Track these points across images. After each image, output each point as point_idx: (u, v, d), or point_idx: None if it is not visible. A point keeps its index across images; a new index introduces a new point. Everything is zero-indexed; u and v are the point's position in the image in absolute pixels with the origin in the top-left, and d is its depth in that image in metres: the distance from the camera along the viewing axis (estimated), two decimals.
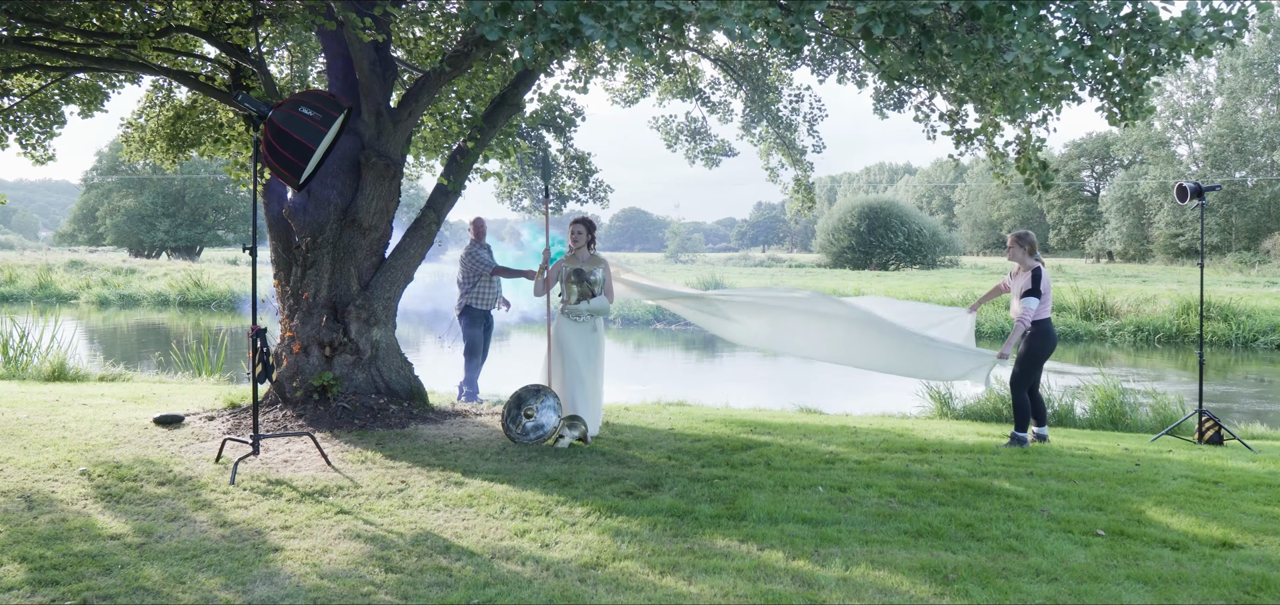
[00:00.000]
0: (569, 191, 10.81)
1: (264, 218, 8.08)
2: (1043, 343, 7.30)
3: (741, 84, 10.79)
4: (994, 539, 4.79)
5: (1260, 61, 53.55)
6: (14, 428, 7.10)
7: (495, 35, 4.42)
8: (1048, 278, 7.25)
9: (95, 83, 9.62)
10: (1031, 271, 7.18)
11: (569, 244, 7.33)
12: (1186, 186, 7.86)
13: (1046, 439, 7.51)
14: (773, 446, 7.04)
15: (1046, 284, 7.22)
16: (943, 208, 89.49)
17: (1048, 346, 7.33)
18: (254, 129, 6.04)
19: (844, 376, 13.84)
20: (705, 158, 11.89)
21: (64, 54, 8.29)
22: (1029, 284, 7.15)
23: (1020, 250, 7.29)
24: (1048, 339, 7.31)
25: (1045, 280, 7.20)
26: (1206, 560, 4.52)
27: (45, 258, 46.47)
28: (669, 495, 5.50)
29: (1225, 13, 5.10)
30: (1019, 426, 7.33)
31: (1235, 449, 7.68)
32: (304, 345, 7.62)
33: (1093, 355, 19.38)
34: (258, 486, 5.50)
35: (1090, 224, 67.65)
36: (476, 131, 8.09)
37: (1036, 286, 7.12)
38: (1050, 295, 7.31)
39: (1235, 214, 54.64)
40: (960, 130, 7.93)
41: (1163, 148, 59.29)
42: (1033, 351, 7.31)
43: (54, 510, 4.96)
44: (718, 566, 4.28)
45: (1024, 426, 7.32)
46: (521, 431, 6.90)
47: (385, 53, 7.68)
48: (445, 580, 4.06)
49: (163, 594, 3.86)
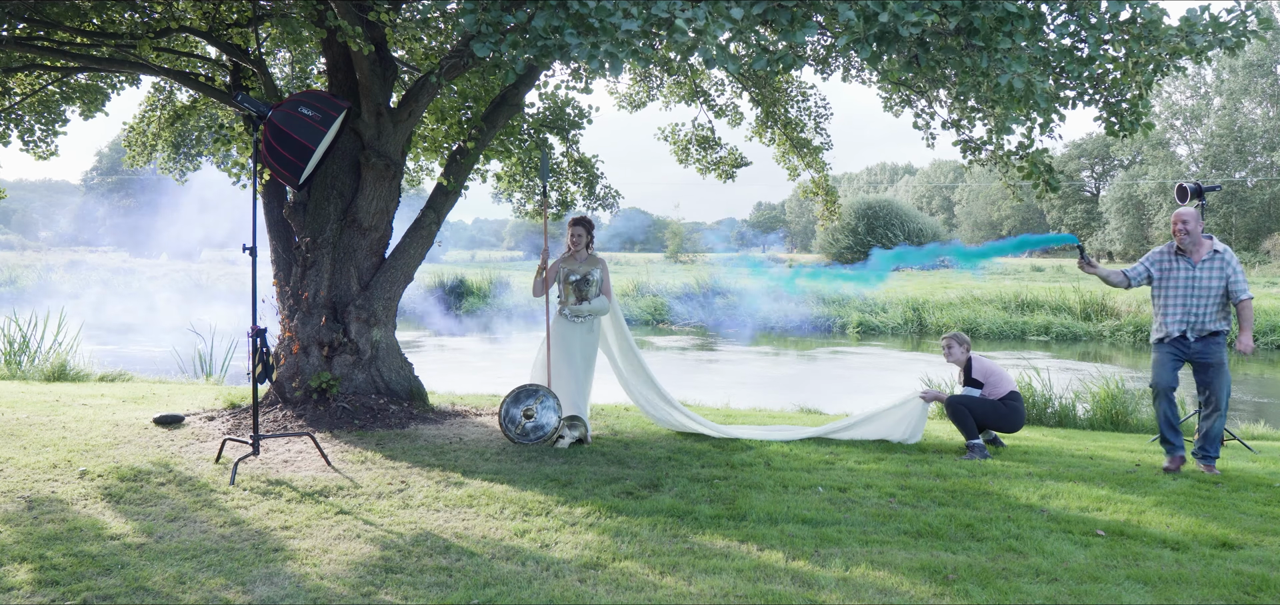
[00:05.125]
0: (572, 198, 10.59)
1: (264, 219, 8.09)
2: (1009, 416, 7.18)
3: (746, 86, 10.67)
4: (994, 539, 4.79)
5: (1259, 63, 53.60)
6: (14, 428, 7.10)
7: (485, 52, 4.47)
8: (982, 362, 7.34)
9: (96, 83, 9.62)
10: (965, 364, 7.31)
11: (568, 244, 7.33)
12: (1186, 186, 7.87)
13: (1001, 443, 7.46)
14: (773, 446, 7.04)
15: (981, 367, 7.28)
16: (943, 208, 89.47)
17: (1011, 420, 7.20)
18: (254, 129, 6.04)
19: (843, 377, 13.86)
20: (718, 170, 11.21)
21: (64, 54, 8.30)
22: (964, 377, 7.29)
23: (957, 349, 7.37)
24: (1015, 415, 7.19)
25: (979, 366, 7.28)
26: (1206, 560, 4.52)
27: (45, 257, 46.45)
28: (669, 495, 5.50)
29: (1226, 23, 5.10)
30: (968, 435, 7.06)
31: (1235, 449, 7.68)
32: (304, 345, 7.62)
33: (1092, 355, 19.38)
34: (258, 487, 5.50)
35: (1090, 224, 67.69)
36: (476, 131, 8.09)
37: (970, 377, 7.23)
38: (999, 373, 7.29)
39: (1235, 214, 54.66)
40: (967, 140, 7.98)
41: (1162, 148, 59.34)
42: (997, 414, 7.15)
43: (54, 511, 4.96)
44: (718, 566, 4.28)
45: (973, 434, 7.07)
46: (521, 432, 6.90)
47: (385, 53, 7.68)
48: (445, 580, 4.07)
49: (163, 594, 3.86)
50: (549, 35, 4.38)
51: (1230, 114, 55.22)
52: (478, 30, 4.52)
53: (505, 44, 4.48)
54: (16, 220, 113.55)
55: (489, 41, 4.51)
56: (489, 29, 4.55)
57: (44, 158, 9.68)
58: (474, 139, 8.08)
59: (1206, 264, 6.39)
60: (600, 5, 4.37)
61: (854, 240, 59.51)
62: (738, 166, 11.25)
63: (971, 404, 7.12)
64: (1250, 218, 54.52)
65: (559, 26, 4.36)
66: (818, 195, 11.25)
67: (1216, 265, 6.36)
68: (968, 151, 7.99)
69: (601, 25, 4.32)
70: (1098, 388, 9.56)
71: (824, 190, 11.14)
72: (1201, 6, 5.19)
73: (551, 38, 4.38)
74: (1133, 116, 5.56)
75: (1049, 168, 6.82)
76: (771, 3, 4.59)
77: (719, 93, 11.16)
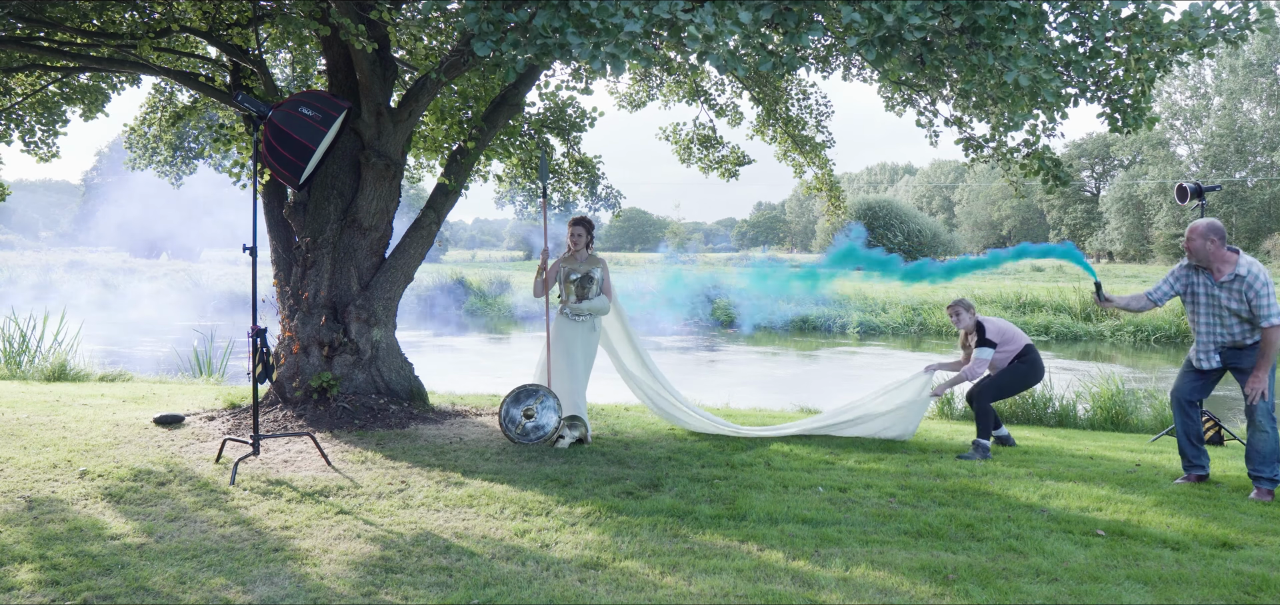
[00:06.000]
0: (574, 198, 10.56)
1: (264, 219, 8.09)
2: (1030, 371, 7.21)
3: (747, 86, 10.65)
4: (994, 539, 4.79)
5: (1259, 63, 53.61)
6: (14, 428, 7.10)
7: (486, 52, 4.46)
8: (993, 321, 7.32)
9: (96, 84, 9.63)
10: (976, 326, 7.26)
11: (568, 244, 7.34)
12: (1187, 186, 7.87)
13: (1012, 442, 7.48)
14: (773, 446, 7.04)
15: (995, 327, 7.26)
16: (943, 208, 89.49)
17: (1034, 374, 7.24)
18: (254, 129, 6.04)
19: (843, 377, 13.86)
20: (720, 169, 11.17)
21: (65, 54, 8.30)
22: (977, 338, 7.24)
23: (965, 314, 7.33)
24: (1035, 368, 7.22)
25: (991, 326, 7.25)
26: (1206, 560, 4.52)
27: (45, 257, 46.46)
28: (669, 495, 5.50)
29: (1228, 15, 5.10)
30: (982, 434, 7.05)
31: (1235, 449, 7.68)
32: (304, 345, 7.62)
33: (1093, 355, 19.38)
34: (258, 487, 5.50)
35: (1090, 224, 67.72)
36: (477, 131, 8.09)
37: (983, 337, 7.18)
38: (1011, 329, 7.30)
39: (1235, 214, 54.69)
40: (969, 138, 7.98)
41: (1162, 148, 59.36)
42: (1019, 375, 7.21)
43: (55, 511, 4.96)
44: (718, 566, 4.28)
45: (987, 434, 7.07)
46: (521, 432, 6.90)
47: (385, 53, 7.68)
48: (445, 580, 4.07)
49: (164, 594, 3.86)
50: (550, 34, 4.38)
51: (1230, 114, 55.25)
52: (479, 29, 4.52)
53: (506, 43, 4.49)
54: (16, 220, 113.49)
55: (490, 40, 4.51)
56: (490, 28, 4.55)
57: (45, 160, 9.69)
58: (474, 139, 8.08)
59: (1226, 285, 5.81)
60: (602, 5, 4.37)
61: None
62: (740, 164, 11.18)
63: (1000, 385, 7.11)
64: (1250, 218, 54.54)
65: (560, 26, 4.36)
66: (821, 192, 11.18)
67: (1236, 289, 5.76)
68: (970, 150, 7.99)
69: (603, 26, 4.33)
70: (1098, 388, 9.55)
71: (827, 186, 11.08)
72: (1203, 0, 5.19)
73: (552, 37, 4.38)
74: (1136, 112, 5.56)
75: (1056, 162, 6.83)
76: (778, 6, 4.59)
77: (719, 92, 11.13)
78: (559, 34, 4.37)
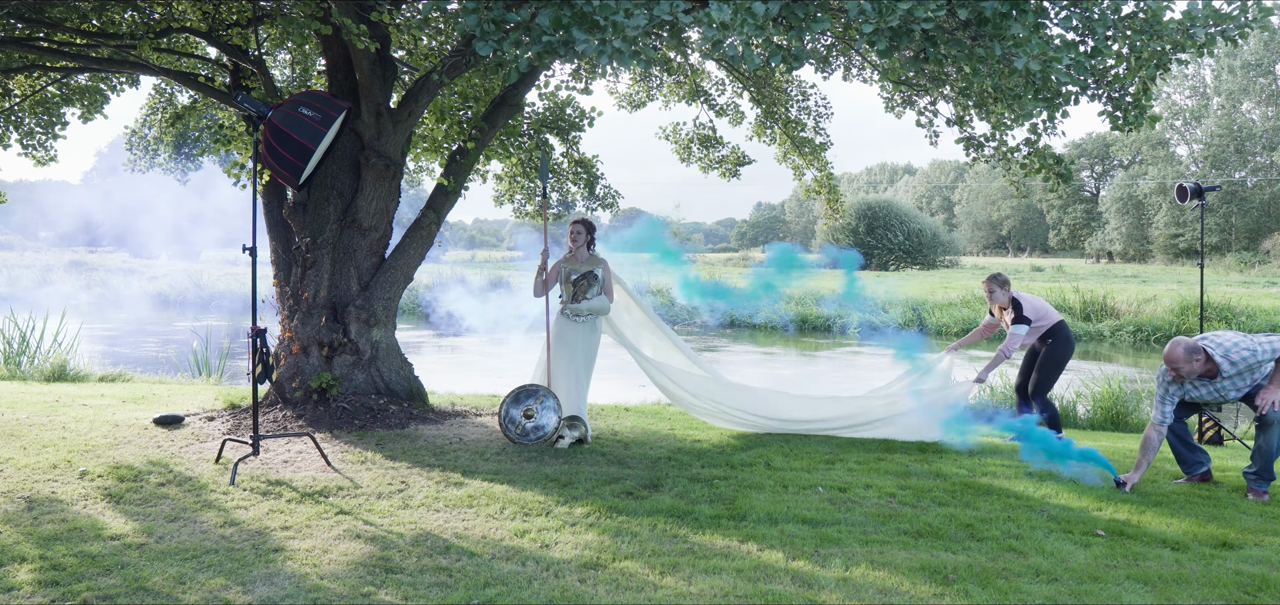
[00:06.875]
0: (573, 198, 10.56)
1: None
2: (1062, 349, 7.40)
3: (746, 86, 10.66)
4: (994, 539, 4.79)
5: (1258, 63, 53.63)
6: (14, 428, 7.10)
7: (488, 51, 4.45)
8: (1029, 299, 7.44)
9: (96, 85, 9.62)
10: (1012, 303, 7.37)
11: (568, 245, 7.33)
12: (1186, 187, 7.88)
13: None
14: (773, 446, 7.04)
15: (1031, 305, 7.39)
16: (943, 208, 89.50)
17: (1066, 351, 7.43)
18: (254, 130, 6.04)
19: (843, 377, 13.85)
20: (721, 169, 11.17)
21: (64, 54, 8.30)
22: (1013, 315, 7.34)
23: (999, 291, 7.42)
24: (1067, 345, 7.42)
25: (1027, 304, 7.37)
26: (1206, 560, 4.52)
27: (45, 257, 46.45)
28: (669, 495, 5.50)
29: (1228, 14, 5.10)
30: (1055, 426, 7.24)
31: (1235, 449, 7.67)
32: (304, 346, 7.62)
33: (1093, 355, 19.38)
34: (258, 487, 5.50)
35: (1090, 224, 67.73)
36: (476, 131, 8.09)
37: (1021, 315, 7.30)
38: (1044, 306, 7.46)
39: (1235, 214, 54.70)
40: (969, 138, 7.98)
41: (1162, 148, 59.38)
42: (1054, 357, 7.41)
43: (54, 511, 4.96)
44: (718, 567, 4.28)
45: (1059, 426, 7.31)
46: (521, 432, 6.90)
47: (385, 53, 7.68)
48: (445, 580, 4.07)
49: (163, 594, 3.86)
50: (554, 33, 4.36)
51: (1230, 114, 55.26)
52: (480, 30, 4.51)
53: (507, 42, 4.47)
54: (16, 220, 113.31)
55: (491, 40, 4.50)
56: (491, 28, 4.54)
57: (43, 163, 9.68)
58: (474, 139, 8.08)
59: (1229, 379, 5.82)
60: (604, 3, 4.36)
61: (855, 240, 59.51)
62: (741, 164, 11.20)
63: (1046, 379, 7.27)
64: (1250, 218, 54.55)
65: (566, 24, 4.35)
66: (820, 193, 11.22)
67: (1238, 383, 5.82)
68: (971, 149, 7.99)
69: (608, 23, 4.32)
70: (1098, 387, 9.55)
71: (827, 188, 11.10)
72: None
73: (555, 35, 4.37)
74: (1137, 111, 5.56)
75: (1058, 158, 6.83)
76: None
77: (719, 92, 11.15)
78: (563, 32, 4.35)
